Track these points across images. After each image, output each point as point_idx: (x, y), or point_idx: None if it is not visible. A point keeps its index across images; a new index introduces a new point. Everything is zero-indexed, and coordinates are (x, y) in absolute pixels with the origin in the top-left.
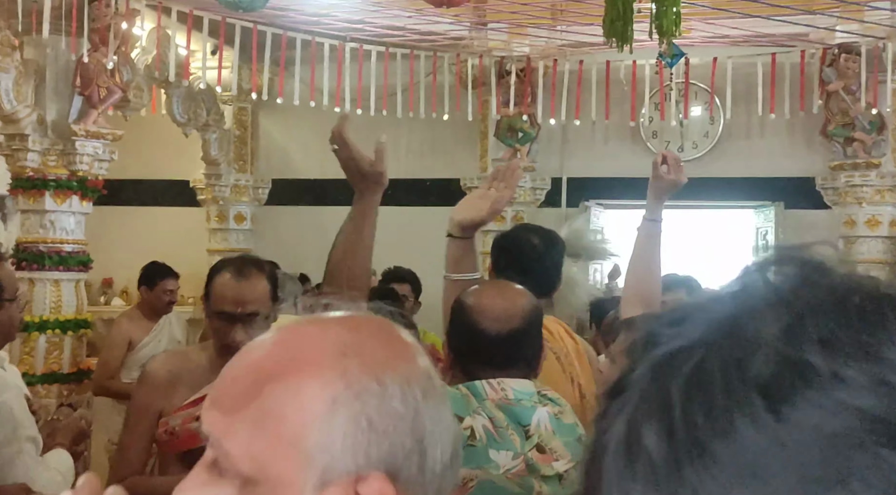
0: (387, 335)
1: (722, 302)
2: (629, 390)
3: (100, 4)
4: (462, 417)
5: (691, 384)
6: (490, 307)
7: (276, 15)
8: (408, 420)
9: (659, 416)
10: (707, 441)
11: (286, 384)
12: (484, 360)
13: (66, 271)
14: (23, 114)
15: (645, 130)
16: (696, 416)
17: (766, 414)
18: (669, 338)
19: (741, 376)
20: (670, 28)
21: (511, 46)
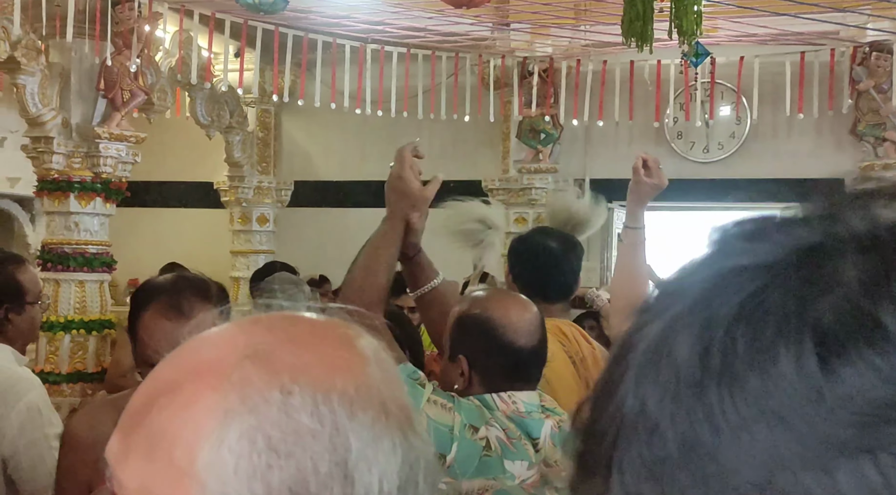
0: (315, 338)
1: (807, 226)
2: (678, 295)
3: (123, 8)
4: (477, 427)
5: (744, 308)
6: (520, 321)
7: (298, 17)
8: (322, 438)
9: (699, 331)
10: (741, 370)
11: (179, 397)
12: (513, 375)
13: (90, 272)
14: (48, 117)
15: (669, 131)
16: (738, 343)
17: (814, 361)
18: (740, 252)
19: (800, 315)
20: (691, 27)
21: (533, 47)
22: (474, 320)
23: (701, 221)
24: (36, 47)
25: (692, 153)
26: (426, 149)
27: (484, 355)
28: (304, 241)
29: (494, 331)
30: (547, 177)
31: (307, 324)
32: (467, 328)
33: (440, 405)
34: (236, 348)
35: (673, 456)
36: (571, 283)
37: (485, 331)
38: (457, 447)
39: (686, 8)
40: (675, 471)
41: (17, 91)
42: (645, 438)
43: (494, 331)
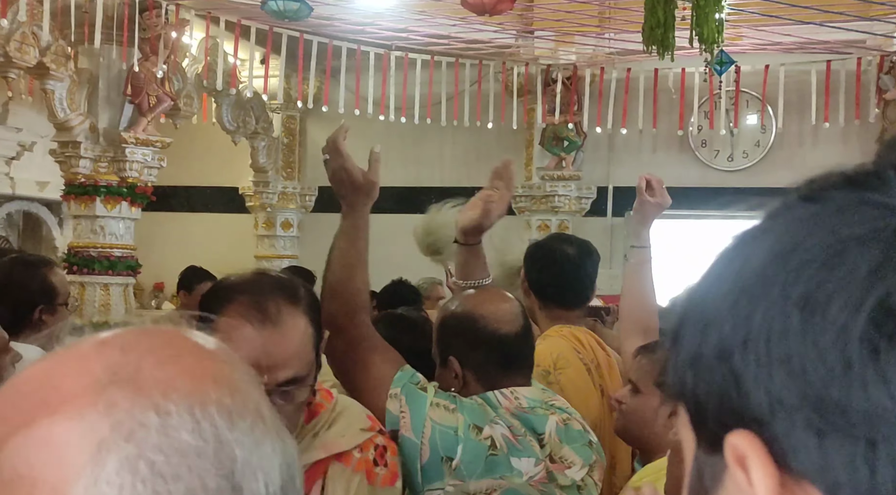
0: (174, 348)
1: None
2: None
3: (150, 14)
4: (481, 427)
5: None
6: (498, 310)
7: (322, 24)
8: (207, 454)
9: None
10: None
11: (33, 435)
12: (505, 364)
13: (114, 275)
14: (75, 122)
15: (694, 139)
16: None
17: None
18: None
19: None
20: (712, 36)
21: (557, 54)
22: (455, 318)
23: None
24: (65, 53)
25: (717, 161)
26: (450, 156)
27: (471, 350)
28: (327, 246)
29: (475, 324)
30: (570, 185)
31: (159, 337)
32: (450, 328)
33: (443, 407)
34: (93, 373)
35: None
36: (588, 290)
37: (467, 327)
38: (462, 448)
39: (707, 16)
40: None
41: (47, 96)
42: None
43: (475, 323)
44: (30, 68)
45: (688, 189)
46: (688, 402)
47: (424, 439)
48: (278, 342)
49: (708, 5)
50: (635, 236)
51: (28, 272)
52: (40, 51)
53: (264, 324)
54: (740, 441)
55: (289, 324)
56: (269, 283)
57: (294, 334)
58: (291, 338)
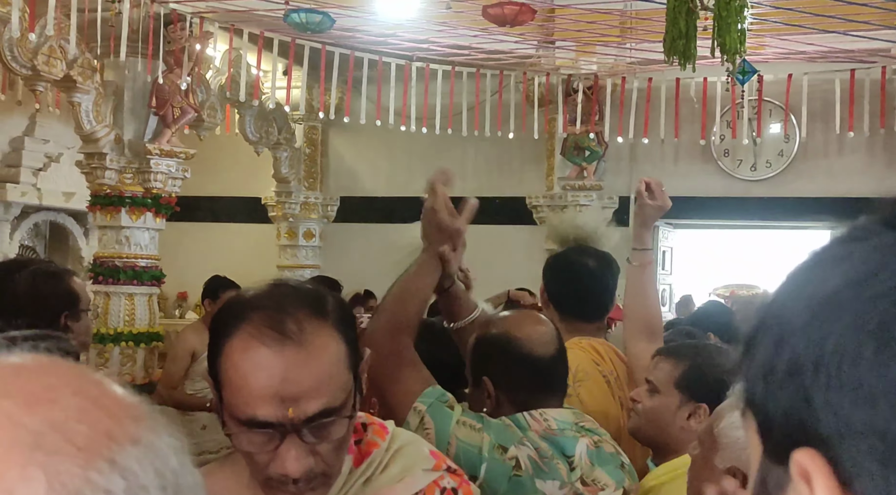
0: (95, 387)
1: None
2: None
3: (175, 27)
4: (506, 447)
5: None
6: (533, 333)
7: (344, 36)
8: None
9: None
10: None
11: None
12: (538, 386)
13: (139, 285)
14: (101, 133)
15: (716, 149)
16: None
17: None
18: None
19: None
20: (734, 45)
21: (578, 64)
22: (490, 340)
23: (748, 239)
24: (91, 66)
25: (739, 171)
26: (471, 166)
27: (505, 372)
28: (349, 256)
29: (510, 345)
30: (591, 194)
31: (68, 374)
32: (484, 349)
33: (469, 426)
34: (13, 436)
35: None
36: (608, 302)
37: (502, 349)
38: (486, 467)
39: (729, 26)
40: None
41: (73, 108)
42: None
43: (510, 345)
44: (57, 81)
45: (710, 199)
46: (757, 411)
47: (449, 456)
48: (302, 365)
49: (730, 15)
50: (637, 239)
51: (51, 280)
52: (67, 64)
53: (284, 344)
54: (806, 459)
55: (315, 344)
56: (288, 295)
57: (322, 354)
58: (319, 359)
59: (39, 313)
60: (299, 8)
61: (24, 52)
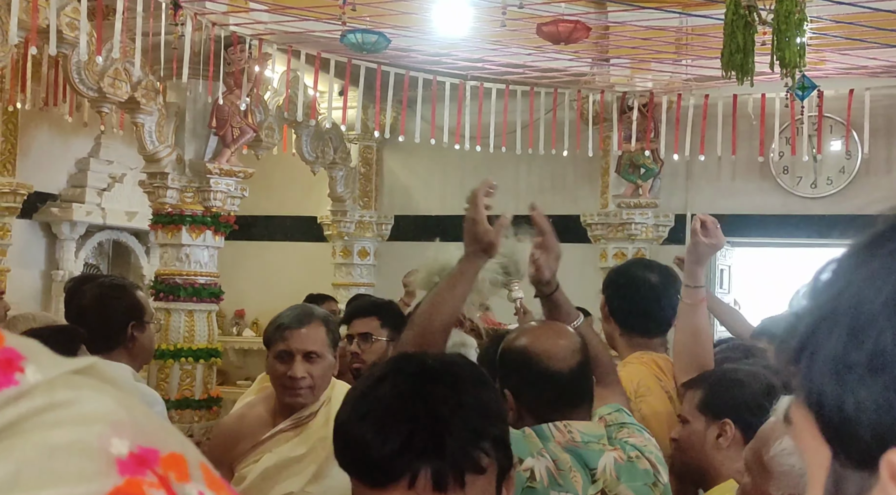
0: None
1: None
2: None
3: (235, 50)
4: (522, 458)
5: None
6: (553, 347)
7: (399, 56)
8: None
9: None
10: None
11: None
12: (558, 401)
13: (198, 302)
14: (163, 154)
15: (775, 166)
16: None
17: None
18: None
19: None
20: (793, 60)
21: (633, 81)
22: (511, 354)
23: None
24: (154, 88)
25: (799, 188)
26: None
27: (525, 386)
28: (402, 274)
29: (529, 361)
30: (647, 212)
31: None
32: (506, 362)
33: None
34: None
35: None
36: (670, 317)
37: (522, 362)
38: None
39: (788, 41)
40: None
41: (137, 129)
42: None
43: (529, 360)
44: (122, 103)
45: (769, 216)
46: (826, 413)
47: None
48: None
49: (789, 29)
50: (690, 276)
51: (118, 292)
52: (132, 86)
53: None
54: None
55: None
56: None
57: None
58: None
59: (106, 323)
60: (355, 29)
61: (91, 75)
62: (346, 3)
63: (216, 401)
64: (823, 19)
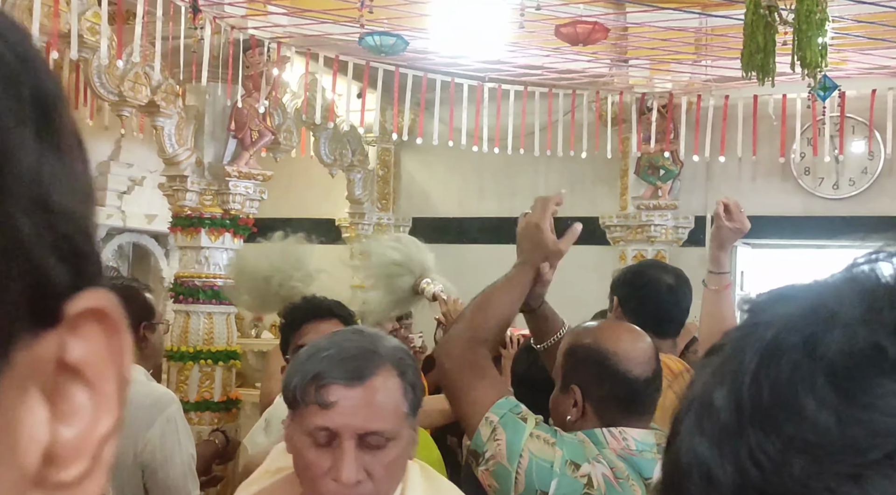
0: None
1: (824, 286)
2: (718, 352)
3: (253, 53)
4: (579, 464)
5: (763, 356)
6: (633, 350)
7: (417, 58)
8: None
9: (731, 382)
10: (771, 411)
11: None
12: (628, 406)
13: (218, 305)
14: (183, 156)
15: (796, 167)
16: (763, 388)
17: (831, 393)
18: (761, 312)
19: (811, 353)
20: (815, 60)
21: (652, 82)
22: (586, 350)
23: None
24: (174, 91)
25: (821, 189)
26: (544, 186)
27: (597, 385)
28: None
29: (607, 361)
30: (666, 214)
31: None
32: (579, 358)
33: (543, 440)
34: None
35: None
36: (683, 319)
37: (598, 361)
38: (556, 483)
39: (809, 40)
40: None
41: (156, 132)
42: (702, 484)
43: (607, 360)
44: (141, 106)
45: (790, 218)
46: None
47: (520, 469)
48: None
49: (810, 29)
50: (714, 262)
51: (129, 293)
52: (151, 89)
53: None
54: None
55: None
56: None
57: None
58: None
59: None
60: (373, 31)
61: (112, 79)
62: (364, 5)
63: (235, 403)
64: (845, 19)
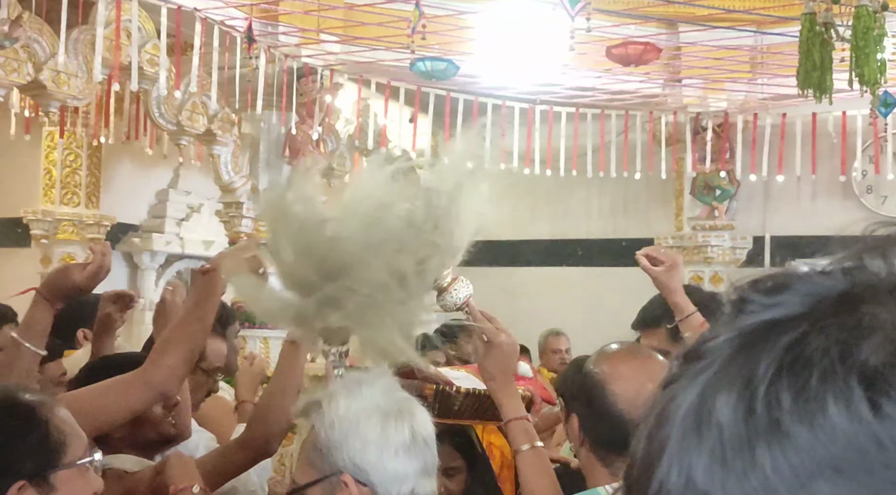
0: None
1: (832, 277)
2: (708, 357)
3: (307, 80)
4: None
5: (785, 361)
6: (639, 391)
7: (468, 82)
8: None
9: (740, 390)
10: (790, 424)
11: None
12: (626, 449)
13: (272, 329)
14: (238, 183)
15: (858, 185)
16: (783, 396)
17: (865, 405)
18: (765, 307)
19: (844, 360)
20: (873, 76)
21: (707, 101)
22: (584, 379)
23: None
24: (230, 120)
25: (884, 208)
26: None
27: (593, 421)
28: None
29: (605, 398)
30: (723, 235)
31: None
32: (578, 385)
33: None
34: None
35: None
36: None
37: (595, 395)
38: None
39: (867, 57)
40: None
41: (213, 160)
42: None
43: (604, 398)
44: (199, 135)
45: (853, 238)
46: None
47: None
48: None
49: (868, 45)
50: (676, 309)
51: None
52: (208, 118)
53: None
54: None
55: None
56: None
57: None
58: None
59: None
60: (424, 56)
61: (170, 109)
62: (415, 31)
63: (291, 428)
64: None
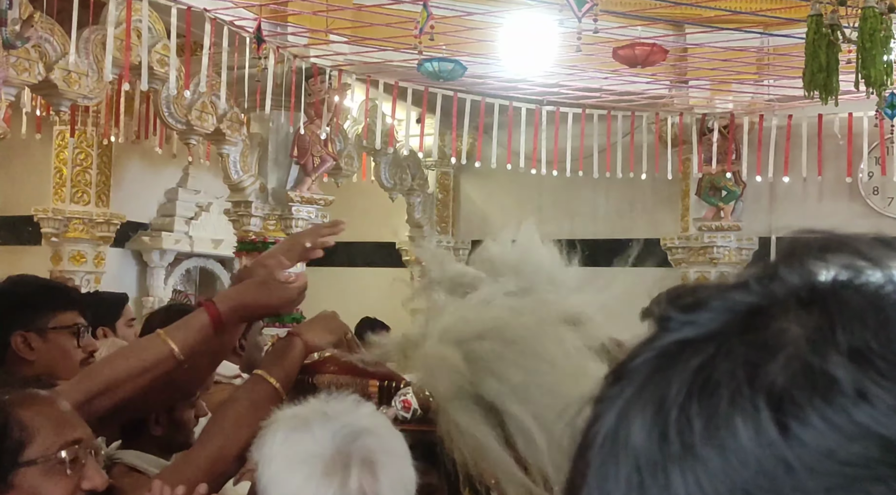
0: None
1: (747, 290)
2: (627, 378)
3: (315, 81)
4: None
5: (695, 382)
6: None
7: (475, 82)
8: None
9: (653, 413)
10: (702, 449)
11: None
12: None
13: (280, 328)
14: (247, 182)
15: (864, 186)
16: (695, 421)
17: (773, 428)
18: (681, 325)
19: (752, 381)
20: (880, 78)
21: (713, 103)
22: None
23: None
24: (239, 120)
25: (891, 209)
26: (603, 208)
27: None
28: None
29: None
30: (729, 236)
31: None
32: None
33: None
34: None
35: None
36: None
37: None
38: None
39: (874, 58)
40: None
41: (222, 160)
42: None
43: None
44: (208, 134)
45: None
46: None
47: None
48: None
49: (874, 47)
50: None
51: (186, 312)
52: (217, 118)
53: None
54: None
55: None
56: None
57: None
58: None
59: None
60: (432, 57)
61: (179, 109)
62: (423, 32)
63: None
64: None
